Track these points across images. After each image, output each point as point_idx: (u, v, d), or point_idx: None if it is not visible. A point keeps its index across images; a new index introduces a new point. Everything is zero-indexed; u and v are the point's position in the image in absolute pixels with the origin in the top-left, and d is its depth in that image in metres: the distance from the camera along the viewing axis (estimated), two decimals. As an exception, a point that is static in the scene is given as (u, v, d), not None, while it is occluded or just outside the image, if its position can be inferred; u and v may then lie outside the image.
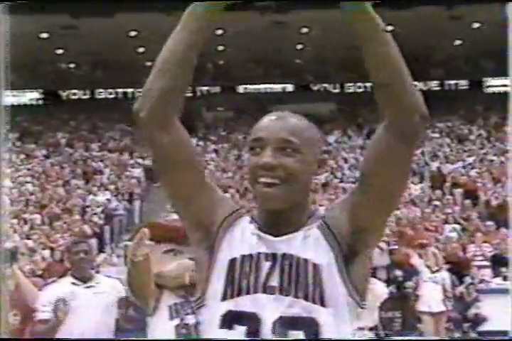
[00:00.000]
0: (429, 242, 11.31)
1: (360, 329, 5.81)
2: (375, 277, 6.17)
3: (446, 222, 13.86)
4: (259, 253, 1.66)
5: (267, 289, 1.63)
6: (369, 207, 1.66)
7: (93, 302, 4.70)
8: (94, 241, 12.69)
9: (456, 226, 13.52)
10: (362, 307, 1.64)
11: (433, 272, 8.71)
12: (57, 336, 4.70)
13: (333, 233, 1.66)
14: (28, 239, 13.05)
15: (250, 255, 1.67)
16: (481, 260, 12.25)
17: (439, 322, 8.80)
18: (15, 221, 14.23)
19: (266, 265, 1.64)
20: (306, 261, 1.63)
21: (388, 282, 9.35)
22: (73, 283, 4.76)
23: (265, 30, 20.29)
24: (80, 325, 4.58)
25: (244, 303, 1.63)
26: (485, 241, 12.74)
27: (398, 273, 10.24)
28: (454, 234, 12.86)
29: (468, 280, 11.44)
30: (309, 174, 1.73)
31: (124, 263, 12.70)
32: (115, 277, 5.46)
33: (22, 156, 19.03)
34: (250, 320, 1.61)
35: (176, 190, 1.75)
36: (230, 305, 1.64)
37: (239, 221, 1.75)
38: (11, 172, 17.72)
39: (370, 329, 5.97)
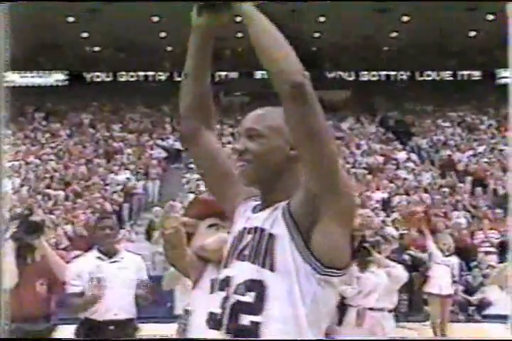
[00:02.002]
0: (442, 227, 11.31)
1: (380, 310, 5.81)
2: (393, 261, 6.15)
3: (455, 208, 13.81)
4: (244, 228, 1.89)
5: (240, 257, 1.84)
6: (305, 173, 1.77)
7: (117, 276, 4.74)
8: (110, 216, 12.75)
9: (465, 213, 13.48)
10: (323, 274, 1.74)
11: (446, 256, 8.69)
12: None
13: (289, 208, 1.79)
14: (52, 214, 13.14)
15: (241, 229, 1.90)
16: (488, 246, 12.22)
17: (446, 304, 8.78)
18: (39, 197, 14.34)
19: (247, 237, 1.85)
20: (263, 231, 1.81)
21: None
22: (99, 258, 4.80)
23: (283, 18, 20.13)
24: (105, 298, 4.61)
25: (229, 270, 1.86)
26: (492, 228, 12.70)
27: (405, 256, 10.25)
28: (463, 221, 12.82)
29: (474, 265, 11.47)
30: (277, 156, 1.87)
31: (146, 238, 12.76)
32: (136, 253, 5.49)
33: (47, 135, 19.07)
34: (227, 285, 1.83)
35: (209, 185, 2.12)
36: (226, 271, 1.87)
37: (247, 202, 1.98)
38: (36, 150, 17.83)
39: (389, 311, 5.95)
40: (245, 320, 1.75)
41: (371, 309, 5.80)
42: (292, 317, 1.73)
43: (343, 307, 5.71)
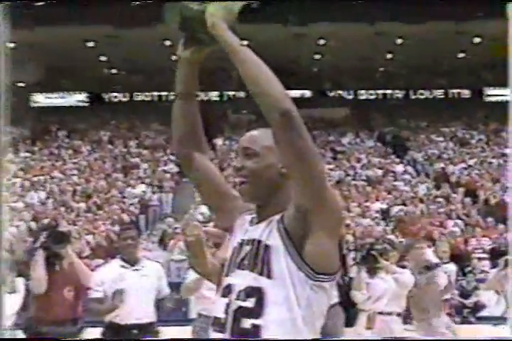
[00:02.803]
0: (439, 235, 11.26)
1: (389, 314, 5.79)
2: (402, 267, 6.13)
3: (449, 217, 13.79)
4: (242, 239, 1.93)
5: (240, 266, 1.88)
6: (296, 189, 1.80)
7: (139, 283, 4.75)
8: (131, 227, 12.75)
9: (459, 221, 13.44)
10: (316, 280, 1.79)
11: (444, 263, 8.65)
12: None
13: (283, 222, 1.83)
14: (75, 224, 13.17)
15: (239, 241, 1.94)
16: (481, 252, 12.18)
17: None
18: (63, 209, 14.37)
19: (246, 248, 1.89)
20: (260, 242, 1.85)
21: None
22: (122, 266, 4.81)
23: (286, 40, 20.26)
24: (128, 303, 4.62)
25: (231, 278, 1.89)
26: (484, 236, 12.67)
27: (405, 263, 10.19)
28: (457, 229, 12.79)
29: (469, 270, 11.41)
30: (271, 173, 1.91)
31: (160, 247, 12.71)
32: (155, 261, 5.50)
33: (70, 152, 19.16)
34: (229, 292, 1.87)
35: (208, 203, 2.16)
36: (228, 279, 1.91)
37: (243, 216, 2.02)
38: (60, 166, 17.89)
39: (398, 314, 5.93)
40: (247, 323, 1.79)
41: (381, 313, 5.78)
42: (290, 319, 1.78)
43: (352, 311, 5.70)
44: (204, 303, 5.02)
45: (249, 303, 1.81)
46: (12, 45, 22.18)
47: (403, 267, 6.05)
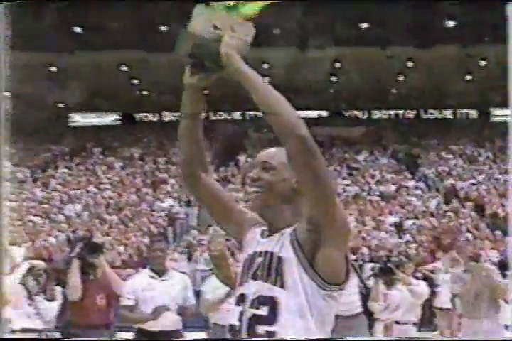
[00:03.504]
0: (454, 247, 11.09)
1: (405, 323, 5.73)
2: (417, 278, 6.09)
3: (459, 231, 13.61)
4: (254, 251, 1.94)
5: (254, 276, 1.88)
6: (308, 206, 1.81)
7: (167, 293, 4.75)
8: (161, 239, 12.77)
9: (468, 234, 13.27)
10: (327, 290, 1.80)
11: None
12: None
13: (295, 235, 1.84)
14: (107, 236, 13.24)
15: (251, 253, 1.95)
16: (489, 264, 11.96)
17: (452, 317, 8.62)
18: (97, 221, 14.47)
19: (259, 260, 1.90)
20: (272, 254, 1.86)
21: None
22: (151, 276, 4.82)
23: (304, 63, 20.32)
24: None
25: (244, 287, 1.90)
26: (492, 248, 12.47)
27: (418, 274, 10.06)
28: (467, 242, 12.61)
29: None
30: (285, 186, 1.94)
31: (186, 257, 12.70)
32: (182, 272, 5.51)
33: (103, 168, 19.34)
34: (243, 301, 1.88)
35: (216, 219, 2.13)
36: (241, 289, 1.92)
37: (253, 229, 2.04)
38: (94, 181, 18.05)
39: (414, 323, 5.87)
40: (261, 329, 1.81)
41: (397, 322, 5.73)
42: (303, 326, 1.80)
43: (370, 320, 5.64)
44: (219, 313, 5.01)
45: (263, 311, 1.82)
46: (54, 68, 22.64)
47: (417, 278, 6.01)
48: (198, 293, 5.32)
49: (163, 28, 18.81)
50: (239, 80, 1.83)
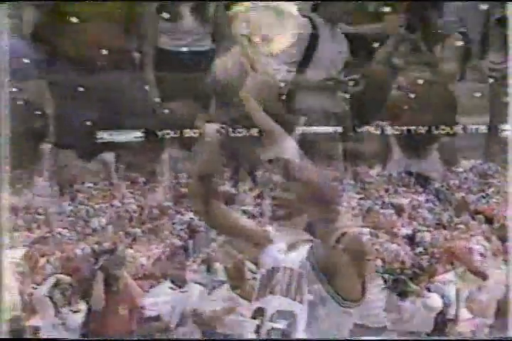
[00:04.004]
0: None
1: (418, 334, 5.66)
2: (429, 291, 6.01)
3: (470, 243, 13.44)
4: (273, 267, 2.00)
5: (273, 291, 1.95)
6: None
7: (186, 304, 4.76)
8: (180, 252, 12.78)
9: (479, 247, 13.09)
10: (344, 306, 1.85)
11: None
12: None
13: (313, 251, 1.90)
14: (131, 248, 13.25)
15: (269, 269, 2.01)
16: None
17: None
18: (121, 233, 14.52)
19: (278, 275, 1.97)
20: (292, 270, 1.91)
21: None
22: (171, 288, 4.84)
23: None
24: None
25: (262, 302, 1.97)
26: (503, 260, 12.27)
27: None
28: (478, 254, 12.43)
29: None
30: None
31: (205, 269, 12.72)
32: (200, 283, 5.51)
33: (127, 182, 19.47)
34: (261, 314, 1.94)
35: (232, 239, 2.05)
36: (258, 303, 1.99)
37: (270, 246, 2.08)
38: (118, 195, 18.17)
39: (427, 335, 5.80)
40: None
41: (412, 333, 5.67)
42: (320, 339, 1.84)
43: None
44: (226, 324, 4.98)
45: (282, 325, 1.81)
46: (82, 89, 22.90)
47: (429, 290, 5.94)
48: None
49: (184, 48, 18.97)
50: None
